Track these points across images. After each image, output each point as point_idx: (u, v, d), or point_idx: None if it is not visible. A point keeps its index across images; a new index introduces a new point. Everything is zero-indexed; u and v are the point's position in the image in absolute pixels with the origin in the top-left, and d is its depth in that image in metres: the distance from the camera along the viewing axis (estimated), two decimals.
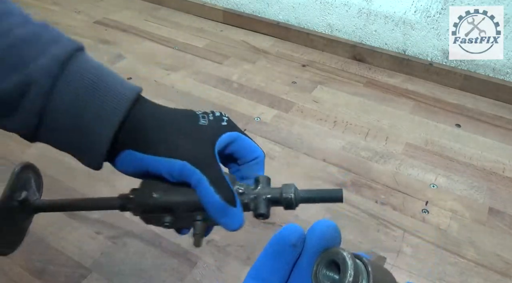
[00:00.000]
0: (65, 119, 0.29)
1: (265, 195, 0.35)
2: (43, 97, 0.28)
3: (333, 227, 0.23)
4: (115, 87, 0.31)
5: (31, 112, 0.28)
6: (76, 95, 0.29)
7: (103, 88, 0.30)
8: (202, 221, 0.36)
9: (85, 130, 0.30)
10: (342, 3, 0.99)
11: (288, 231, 0.23)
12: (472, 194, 0.67)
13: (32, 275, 0.52)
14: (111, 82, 0.31)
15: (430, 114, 0.85)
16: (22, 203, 0.37)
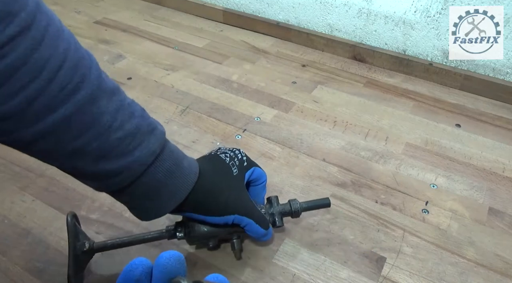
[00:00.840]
0: (148, 191, 0.37)
1: (280, 211, 0.52)
2: (134, 176, 0.35)
3: (175, 258, 0.25)
4: (185, 171, 0.39)
5: (120, 185, 0.36)
6: (158, 179, 0.37)
7: (179, 173, 0.39)
8: (237, 239, 0.52)
9: (158, 202, 0.38)
10: (342, 3, 0.99)
11: (132, 266, 0.24)
12: (472, 194, 0.67)
13: (32, 275, 0.52)
14: (183, 166, 0.39)
15: (430, 114, 0.85)
16: (85, 252, 0.48)
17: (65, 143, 0.30)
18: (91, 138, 0.31)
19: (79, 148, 0.31)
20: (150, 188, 0.37)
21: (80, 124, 0.30)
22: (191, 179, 0.40)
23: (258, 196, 0.52)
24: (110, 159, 0.32)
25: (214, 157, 0.47)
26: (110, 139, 0.31)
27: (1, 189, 0.64)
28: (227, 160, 0.45)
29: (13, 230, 0.58)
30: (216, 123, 0.79)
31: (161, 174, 0.37)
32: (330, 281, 0.53)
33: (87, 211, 0.60)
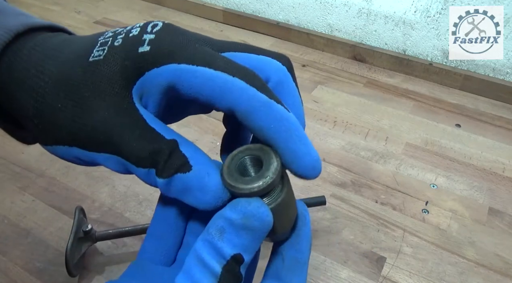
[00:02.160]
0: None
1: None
2: None
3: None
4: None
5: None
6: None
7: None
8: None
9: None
10: (342, 3, 0.99)
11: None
12: (472, 194, 0.67)
13: (32, 275, 0.52)
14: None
15: (430, 114, 0.85)
16: (87, 233, 0.49)
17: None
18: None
19: None
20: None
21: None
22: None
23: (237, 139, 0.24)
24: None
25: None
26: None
27: (1, 189, 0.64)
28: (101, 37, 0.21)
29: (13, 230, 0.58)
30: (216, 123, 0.79)
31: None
32: (330, 281, 0.53)
33: (87, 211, 0.60)
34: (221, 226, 0.17)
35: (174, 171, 0.19)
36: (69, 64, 0.20)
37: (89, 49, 0.20)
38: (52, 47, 0.21)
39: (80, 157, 0.20)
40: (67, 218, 0.60)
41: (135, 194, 0.64)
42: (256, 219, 0.17)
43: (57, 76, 0.20)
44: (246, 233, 0.17)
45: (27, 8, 1.20)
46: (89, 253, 0.55)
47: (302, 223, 0.21)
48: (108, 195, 0.64)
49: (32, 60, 0.20)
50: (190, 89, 0.19)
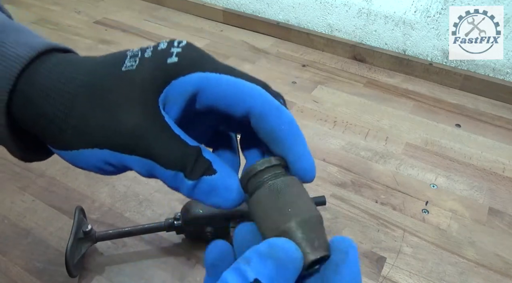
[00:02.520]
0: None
1: None
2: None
3: (246, 229, 0.22)
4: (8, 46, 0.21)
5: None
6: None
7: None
8: (235, 227, 0.43)
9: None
10: (342, 3, 0.99)
11: (207, 250, 0.22)
12: (472, 194, 0.67)
13: (32, 275, 0.52)
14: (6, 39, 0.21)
15: (430, 114, 0.85)
16: (87, 234, 0.50)
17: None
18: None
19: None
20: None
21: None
22: (11, 62, 0.21)
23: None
24: None
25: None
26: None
27: (1, 189, 0.64)
28: (129, 52, 0.22)
29: (13, 230, 0.58)
30: None
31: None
32: None
33: (87, 211, 0.60)
34: (248, 257, 0.18)
35: (201, 174, 0.21)
36: (101, 73, 0.21)
37: (120, 61, 0.21)
38: (79, 61, 0.22)
39: (109, 160, 0.21)
40: (67, 218, 0.60)
41: (135, 194, 0.64)
42: (281, 249, 0.18)
43: (89, 84, 0.21)
44: (271, 263, 0.17)
45: (27, 8, 1.20)
46: (89, 253, 0.55)
47: (341, 259, 0.20)
48: (108, 195, 0.64)
49: (59, 71, 0.21)
50: (214, 94, 0.21)
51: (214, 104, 0.21)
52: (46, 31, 1.09)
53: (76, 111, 0.20)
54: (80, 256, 0.51)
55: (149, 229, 0.54)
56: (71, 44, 1.16)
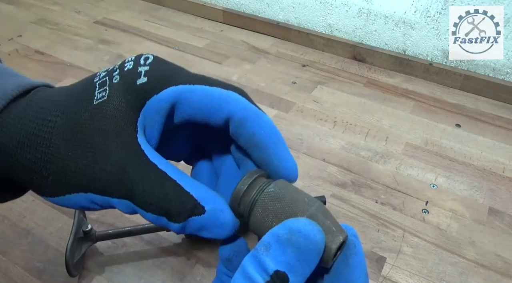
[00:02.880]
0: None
1: None
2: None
3: None
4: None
5: None
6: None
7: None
8: None
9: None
10: (342, 3, 0.99)
11: (222, 244, 0.22)
12: (472, 194, 0.67)
13: (32, 275, 0.52)
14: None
15: (430, 114, 0.85)
16: (87, 233, 0.50)
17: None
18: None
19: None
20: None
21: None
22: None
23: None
24: None
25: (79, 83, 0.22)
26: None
27: None
28: (96, 78, 0.21)
29: (13, 230, 0.58)
30: None
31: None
32: None
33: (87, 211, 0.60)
34: (267, 242, 0.17)
35: (187, 216, 0.19)
36: (74, 111, 0.20)
37: (90, 93, 0.20)
38: (49, 99, 0.21)
39: (95, 200, 0.20)
40: (67, 218, 0.60)
41: None
42: (301, 236, 0.17)
43: (64, 125, 0.20)
44: (292, 251, 0.17)
45: (27, 8, 1.20)
46: (89, 253, 0.55)
47: (350, 251, 0.19)
48: None
49: (31, 115, 0.20)
50: (190, 106, 0.20)
51: (192, 116, 0.21)
52: (46, 31, 1.09)
53: (54, 156, 0.20)
54: (80, 256, 0.51)
55: (149, 229, 0.54)
56: (71, 44, 1.15)
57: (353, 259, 0.19)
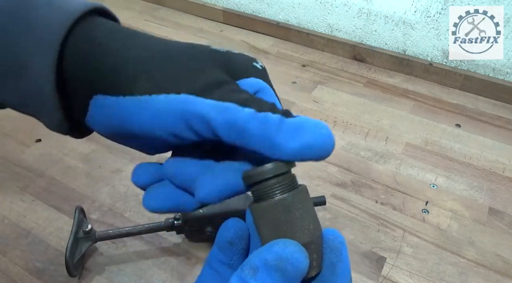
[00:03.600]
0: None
1: None
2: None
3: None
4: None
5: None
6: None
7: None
8: None
9: (18, 69, 0.19)
10: (342, 3, 0.99)
11: (224, 227, 0.22)
12: (472, 194, 0.67)
13: (32, 275, 0.52)
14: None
15: (430, 114, 0.85)
16: (87, 233, 0.51)
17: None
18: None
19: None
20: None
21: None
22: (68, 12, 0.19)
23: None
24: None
25: None
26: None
27: (1, 189, 0.64)
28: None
29: (13, 230, 0.58)
30: None
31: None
32: None
33: (87, 211, 0.60)
34: (255, 265, 0.18)
35: (283, 114, 0.19)
36: (186, 46, 0.21)
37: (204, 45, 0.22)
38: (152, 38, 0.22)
39: (184, 107, 0.18)
40: (67, 218, 0.60)
41: (135, 194, 0.64)
42: (289, 263, 0.17)
43: (167, 50, 0.20)
44: (279, 276, 0.17)
45: None
46: (89, 253, 0.55)
47: (337, 258, 0.20)
48: (108, 195, 0.64)
49: (138, 38, 0.21)
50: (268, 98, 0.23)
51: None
52: None
53: (156, 61, 0.19)
54: (80, 256, 0.51)
55: (149, 229, 0.54)
56: None
57: (339, 267, 0.20)
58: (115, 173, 0.67)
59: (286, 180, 0.20)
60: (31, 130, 0.75)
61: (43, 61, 0.18)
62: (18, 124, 0.76)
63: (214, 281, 0.22)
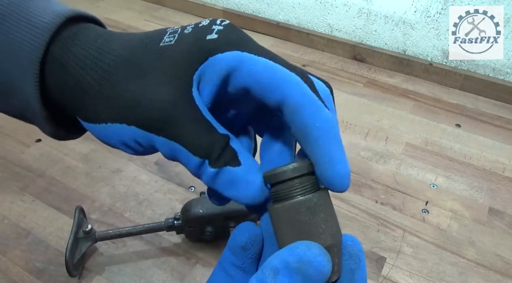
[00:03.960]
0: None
1: None
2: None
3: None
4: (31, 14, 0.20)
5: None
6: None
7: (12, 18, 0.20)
8: (234, 227, 0.49)
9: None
10: (342, 3, 0.99)
11: (237, 231, 0.21)
12: (472, 194, 0.67)
13: (32, 275, 0.52)
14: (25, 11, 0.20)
15: (430, 114, 0.85)
16: (87, 233, 0.51)
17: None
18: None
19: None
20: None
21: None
22: (42, 27, 0.20)
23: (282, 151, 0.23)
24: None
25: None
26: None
27: (1, 189, 0.64)
28: (170, 28, 0.22)
29: (13, 230, 0.58)
30: None
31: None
32: None
33: (87, 211, 0.60)
34: (276, 267, 0.17)
35: (224, 163, 0.20)
36: (139, 49, 0.21)
37: (159, 37, 0.21)
38: (117, 35, 0.22)
39: (136, 138, 0.20)
40: (67, 218, 0.60)
41: (135, 194, 0.64)
42: (311, 267, 0.17)
43: (126, 58, 0.21)
44: (300, 279, 0.17)
45: None
46: (89, 253, 0.55)
47: (356, 265, 0.19)
48: (108, 195, 0.64)
49: (98, 43, 0.21)
50: (249, 76, 0.20)
51: (248, 86, 0.20)
52: None
53: (111, 82, 0.20)
54: (80, 256, 0.51)
55: (149, 229, 0.54)
56: None
57: (358, 275, 0.19)
58: (115, 173, 0.67)
59: (309, 181, 0.19)
60: (31, 130, 0.75)
61: (27, 82, 0.20)
62: (18, 124, 0.76)
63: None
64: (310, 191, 0.19)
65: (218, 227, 0.53)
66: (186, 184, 0.65)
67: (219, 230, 0.53)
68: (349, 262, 0.19)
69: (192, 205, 0.53)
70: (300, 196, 0.19)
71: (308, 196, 0.19)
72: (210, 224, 0.52)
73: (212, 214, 0.52)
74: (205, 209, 0.52)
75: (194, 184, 0.65)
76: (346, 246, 0.20)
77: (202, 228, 0.53)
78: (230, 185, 0.20)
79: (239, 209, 0.52)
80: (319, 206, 0.19)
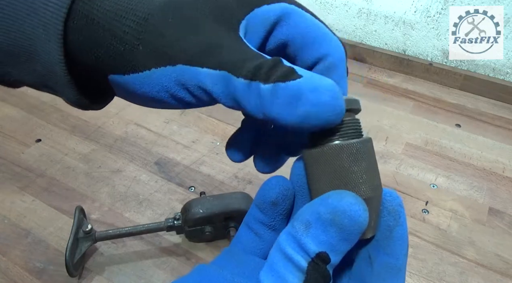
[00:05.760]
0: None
1: None
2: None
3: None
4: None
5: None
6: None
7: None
8: (234, 227, 0.50)
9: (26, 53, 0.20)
10: (342, 3, 0.99)
11: (267, 186, 0.19)
12: (472, 194, 0.67)
13: (32, 275, 0.52)
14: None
15: (430, 114, 0.85)
16: (87, 233, 0.51)
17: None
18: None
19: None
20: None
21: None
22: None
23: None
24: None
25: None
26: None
27: (1, 189, 0.64)
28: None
29: (13, 230, 0.58)
30: (216, 123, 0.79)
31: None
32: None
33: (87, 211, 0.60)
34: (307, 220, 0.16)
35: (281, 77, 0.16)
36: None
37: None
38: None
39: (182, 79, 0.18)
40: (67, 218, 0.60)
41: (135, 194, 0.64)
42: (346, 217, 0.15)
43: (166, 3, 0.19)
44: (334, 231, 0.15)
45: None
46: (89, 253, 0.55)
47: (395, 222, 0.18)
48: (108, 195, 0.64)
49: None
50: (295, 28, 0.19)
51: (290, 39, 0.19)
52: None
53: (149, 24, 0.18)
54: (80, 256, 0.51)
55: (149, 229, 0.54)
56: None
57: (397, 231, 0.18)
58: (115, 173, 0.67)
59: (353, 124, 0.17)
60: (31, 130, 0.75)
61: (50, 43, 0.19)
62: (18, 124, 0.76)
63: (253, 243, 0.20)
64: (353, 136, 0.17)
65: (218, 227, 0.53)
66: (186, 184, 0.65)
67: (219, 230, 0.53)
68: (387, 218, 0.18)
69: (192, 205, 0.53)
70: (343, 140, 0.17)
71: (351, 141, 0.17)
72: (210, 224, 0.52)
73: (212, 214, 0.52)
74: (205, 209, 0.52)
75: (194, 184, 0.65)
76: (384, 201, 0.18)
77: (202, 228, 0.53)
78: (296, 101, 0.16)
79: (239, 209, 0.52)
80: (362, 153, 0.17)
